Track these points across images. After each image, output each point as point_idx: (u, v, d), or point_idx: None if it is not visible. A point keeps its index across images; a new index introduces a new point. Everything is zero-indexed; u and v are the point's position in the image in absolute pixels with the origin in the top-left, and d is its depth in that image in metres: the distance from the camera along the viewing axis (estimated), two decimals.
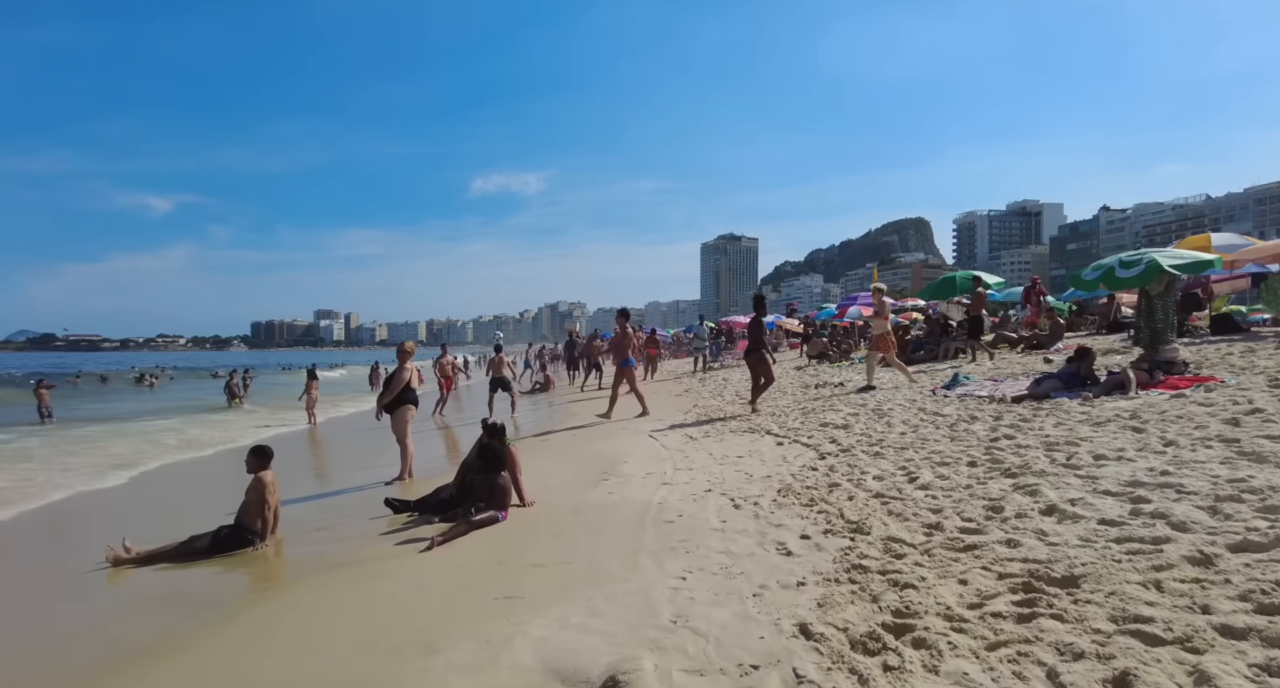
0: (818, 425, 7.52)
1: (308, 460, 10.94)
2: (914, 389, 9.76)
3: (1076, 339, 14.34)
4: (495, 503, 4.92)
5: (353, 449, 11.40)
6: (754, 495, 4.71)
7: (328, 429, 14.58)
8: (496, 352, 13.98)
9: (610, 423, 10.00)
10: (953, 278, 14.73)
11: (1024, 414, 6.49)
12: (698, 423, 9.11)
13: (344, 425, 14.94)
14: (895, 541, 3.38)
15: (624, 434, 8.80)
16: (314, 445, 12.65)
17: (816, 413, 8.56)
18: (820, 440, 6.60)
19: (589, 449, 7.72)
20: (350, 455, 10.95)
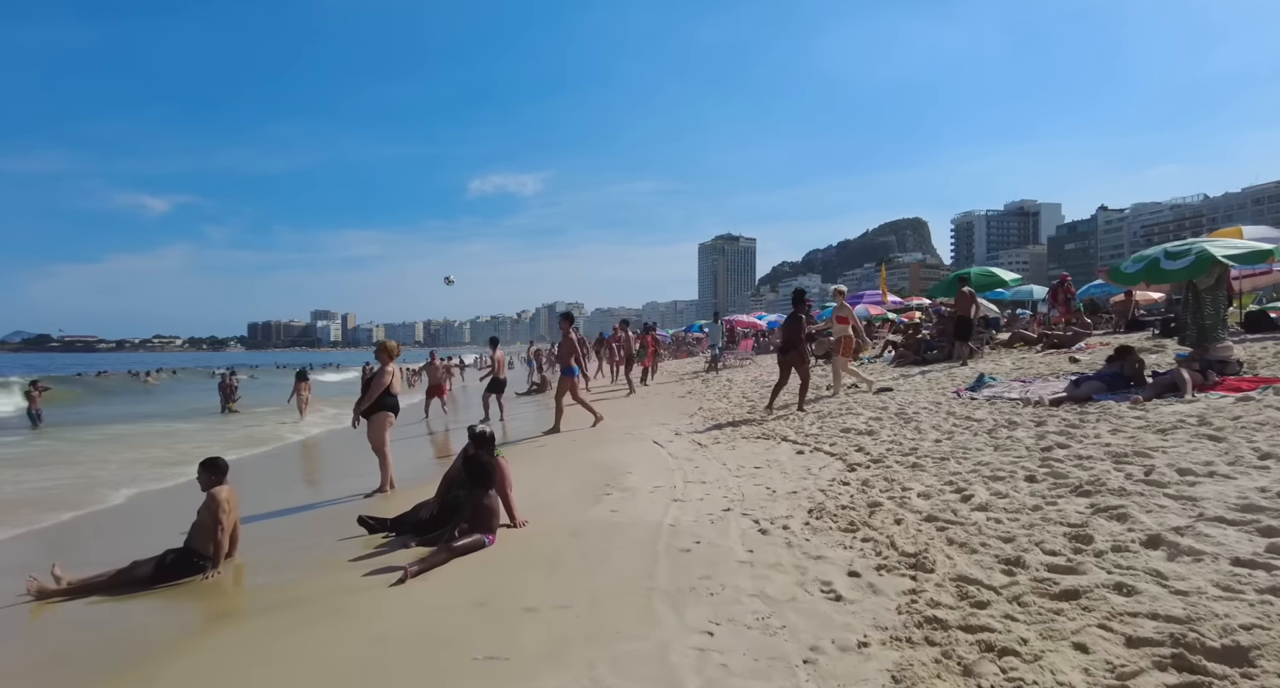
0: (838, 431, 6.88)
1: (288, 468, 10.27)
2: (935, 391, 9.12)
3: (1096, 339, 13.74)
4: (481, 524, 4.27)
5: (338, 456, 10.73)
6: (781, 516, 4.07)
7: (313, 432, 13.89)
8: (493, 347, 13.29)
9: (610, 427, 9.34)
10: (966, 275, 14.08)
11: (1069, 419, 5.86)
12: (706, 428, 8.46)
13: (332, 429, 14.24)
14: (969, 581, 2.74)
15: (625, 440, 8.15)
16: (299, 451, 11.97)
17: (834, 417, 7.92)
18: (845, 449, 5.96)
19: (588, 458, 7.07)
20: (334, 463, 10.28)
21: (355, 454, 9.22)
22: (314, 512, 6.37)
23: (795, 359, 8.92)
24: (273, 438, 13.07)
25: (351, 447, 10.21)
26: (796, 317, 9.01)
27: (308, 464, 10.84)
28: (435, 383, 14.07)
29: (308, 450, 11.89)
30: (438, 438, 11.49)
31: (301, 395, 14.76)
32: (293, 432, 13.71)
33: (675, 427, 8.91)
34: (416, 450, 9.83)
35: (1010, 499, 3.80)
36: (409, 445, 9.91)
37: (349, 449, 10.19)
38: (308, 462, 10.99)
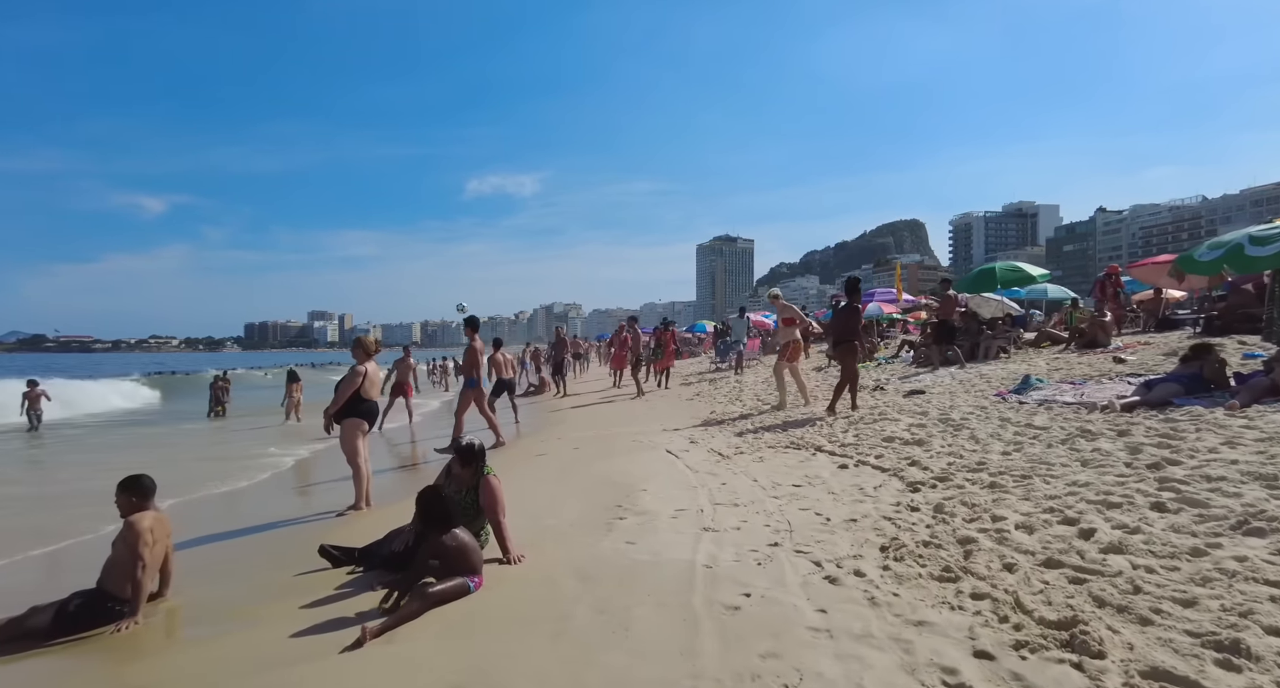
0: (880, 440, 6.02)
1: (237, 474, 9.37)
2: (973, 393, 8.28)
3: (1124, 338, 12.91)
4: (463, 565, 3.39)
5: (320, 464, 9.83)
6: (847, 556, 3.20)
7: (307, 433, 12.95)
8: (496, 348, 12.35)
9: (618, 434, 8.47)
10: (991, 270, 13.26)
11: (1157, 428, 5.01)
12: (723, 435, 7.60)
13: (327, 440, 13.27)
14: (1176, 681, 1.87)
15: (634, 449, 7.27)
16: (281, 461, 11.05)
17: (868, 423, 7.06)
18: (896, 462, 5.10)
19: (594, 471, 6.19)
20: (314, 471, 9.38)
21: (336, 463, 8.32)
22: (280, 531, 5.46)
23: (846, 353, 8.10)
24: (249, 461, 12.14)
25: (336, 454, 9.33)
26: (853, 307, 8.20)
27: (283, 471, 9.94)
28: (402, 381, 13.15)
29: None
30: (404, 447, 10.60)
31: (293, 397, 13.85)
32: (283, 450, 12.77)
33: (688, 433, 8.03)
34: (395, 458, 8.93)
35: (1147, 536, 2.94)
36: (383, 455, 9.02)
37: (332, 457, 9.29)
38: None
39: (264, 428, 13.84)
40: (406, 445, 10.30)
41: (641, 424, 9.46)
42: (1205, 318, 11.51)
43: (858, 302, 8.26)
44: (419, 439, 10.89)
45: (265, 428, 13.83)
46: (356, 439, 5.71)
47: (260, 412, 16.88)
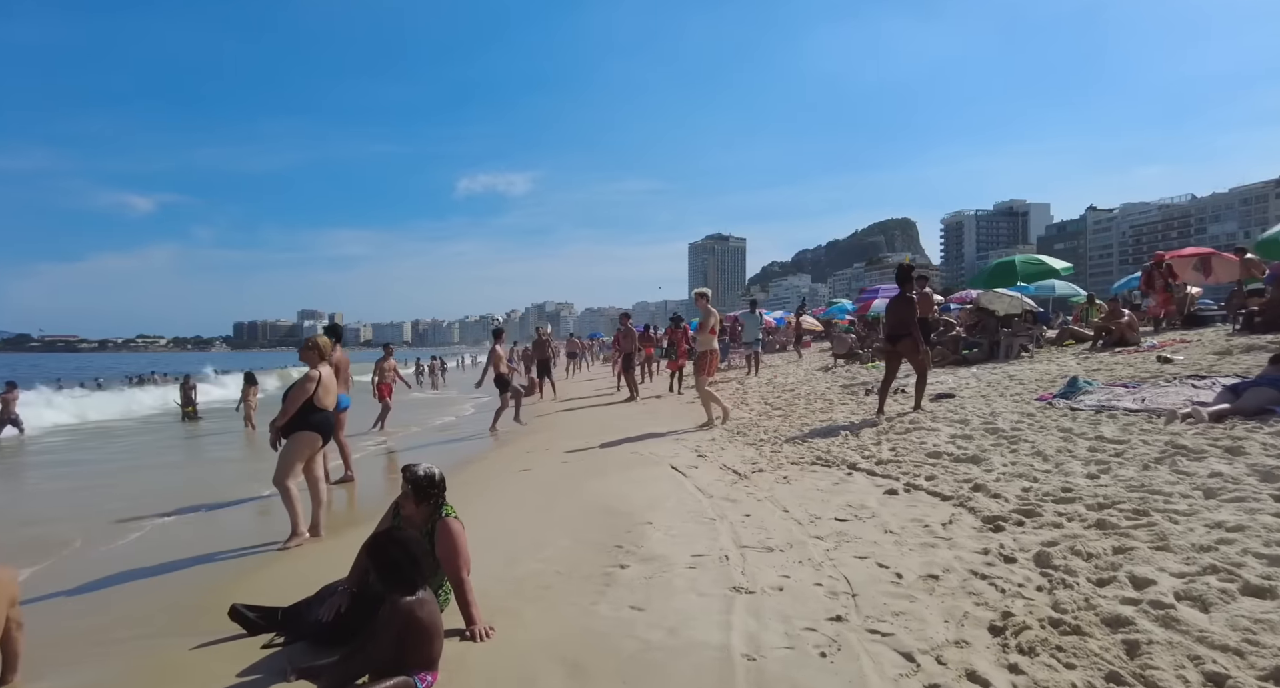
0: (924, 456, 5.10)
1: (202, 476, 8.33)
2: (1009, 398, 7.39)
3: (1159, 335, 12.09)
4: (425, 650, 2.41)
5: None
6: (945, 641, 2.26)
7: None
8: (496, 338, 11.28)
9: (614, 447, 7.51)
10: (1010, 263, 12.39)
11: (1273, 443, 4.12)
12: (734, 445, 6.66)
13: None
14: None
15: (633, 464, 6.32)
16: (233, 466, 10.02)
17: (900, 433, 6.15)
18: (956, 487, 4.18)
19: (586, 493, 5.23)
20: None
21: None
22: (202, 570, 4.46)
23: (908, 348, 7.17)
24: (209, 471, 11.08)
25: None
26: (906, 297, 7.21)
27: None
28: (382, 381, 12.11)
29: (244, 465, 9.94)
30: (380, 455, 9.59)
31: (249, 402, 12.78)
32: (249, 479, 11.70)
33: (693, 442, 7.08)
34: (368, 470, 7.93)
35: None
36: (361, 465, 8.02)
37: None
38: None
39: (235, 431, 12.79)
40: (380, 454, 9.29)
41: (640, 431, 8.51)
42: (1246, 314, 10.69)
43: (911, 291, 7.28)
44: (396, 448, 9.88)
45: (235, 432, 12.78)
46: (295, 458, 4.73)
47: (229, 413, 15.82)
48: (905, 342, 7.14)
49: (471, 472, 7.07)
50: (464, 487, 5.98)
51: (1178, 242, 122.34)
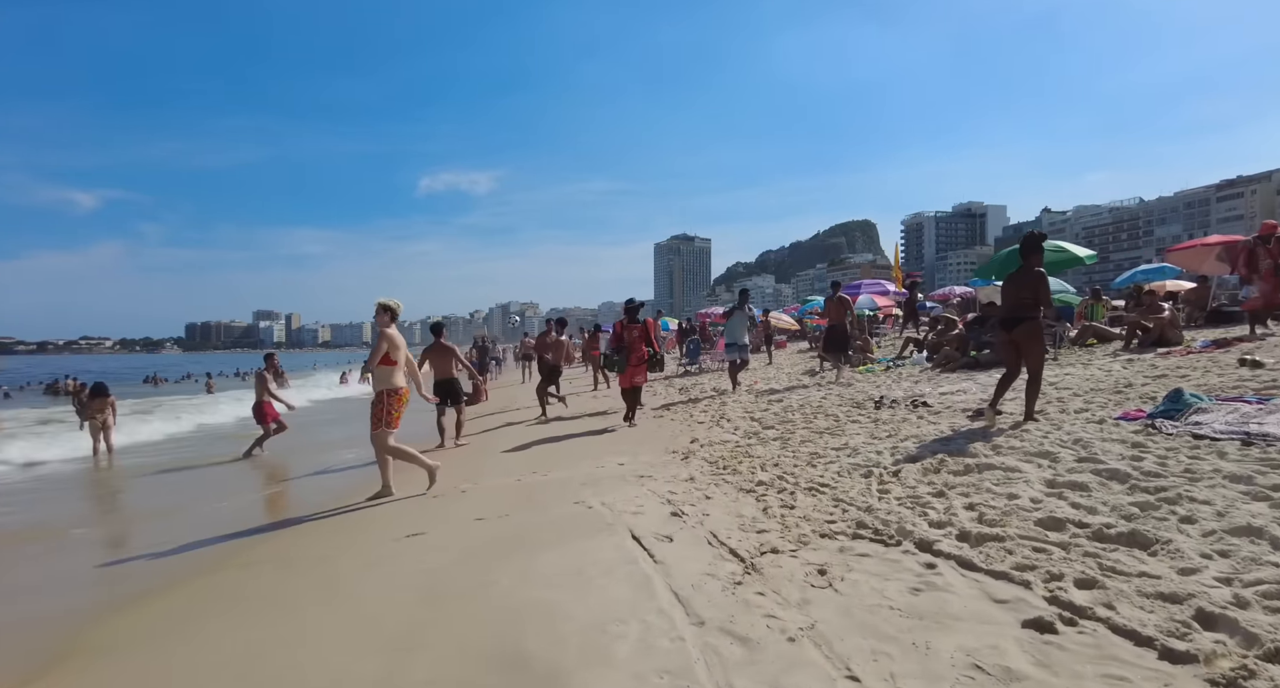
0: (1037, 527, 3.16)
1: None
2: (1072, 413, 5.59)
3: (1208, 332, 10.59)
4: None
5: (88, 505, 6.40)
6: None
7: (121, 468, 9.38)
8: (436, 334, 9.06)
9: (553, 482, 5.38)
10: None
11: None
12: (724, 492, 4.63)
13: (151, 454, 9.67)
14: None
15: (576, 524, 4.21)
16: (57, 501, 7.53)
17: (960, 473, 4.25)
18: (1154, 613, 2.24)
19: (491, 598, 3.11)
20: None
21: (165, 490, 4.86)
22: None
23: (1026, 335, 5.46)
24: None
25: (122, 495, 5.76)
26: (1036, 273, 5.48)
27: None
28: (260, 399, 9.72)
29: (63, 501, 7.42)
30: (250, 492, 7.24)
31: (95, 419, 10.19)
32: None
33: (664, 484, 5.03)
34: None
35: None
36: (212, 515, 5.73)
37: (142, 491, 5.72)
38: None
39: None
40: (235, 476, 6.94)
41: (592, 460, 6.43)
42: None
43: (1039, 263, 5.55)
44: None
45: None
46: None
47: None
48: (1026, 326, 5.42)
49: (340, 532, 4.88)
50: (312, 567, 3.80)
51: (1128, 242, 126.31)
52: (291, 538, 4.91)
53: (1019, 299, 5.52)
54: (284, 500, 6.92)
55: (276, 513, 5.60)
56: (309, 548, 4.51)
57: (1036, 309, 5.45)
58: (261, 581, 3.85)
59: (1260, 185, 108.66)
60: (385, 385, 5.62)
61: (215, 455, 9.94)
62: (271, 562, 4.20)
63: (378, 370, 5.63)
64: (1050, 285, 5.76)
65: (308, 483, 7.72)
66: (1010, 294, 5.64)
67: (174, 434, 13.29)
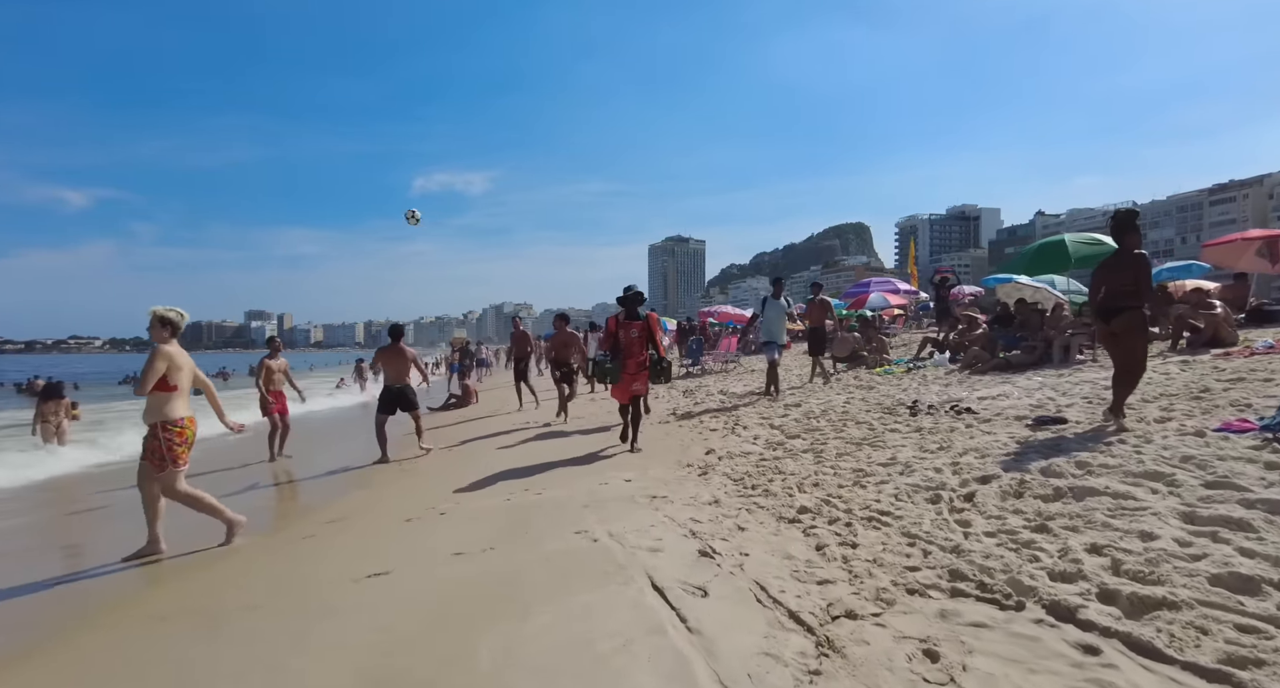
0: (1214, 587, 2.33)
1: None
2: (1159, 424, 4.77)
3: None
4: None
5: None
6: None
7: (72, 483, 8.41)
8: (394, 337, 8.28)
9: (547, 503, 4.49)
10: (1059, 244, 9.89)
11: None
12: (747, 504, 3.76)
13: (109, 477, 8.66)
14: None
15: (578, 566, 3.33)
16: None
17: (1053, 499, 3.41)
18: None
19: (485, 658, 2.26)
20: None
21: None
22: None
23: (1127, 326, 4.76)
24: None
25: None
26: (1135, 256, 4.75)
27: None
28: (272, 389, 8.74)
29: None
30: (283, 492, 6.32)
31: (49, 421, 9.26)
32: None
33: (682, 510, 4.16)
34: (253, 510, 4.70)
35: None
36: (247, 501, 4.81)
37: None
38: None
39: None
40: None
41: (594, 476, 5.55)
42: None
43: (1137, 245, 4.81)
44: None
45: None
46: None
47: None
48: (1127, 317, 4.68)
49: (289, 563, 3.98)
50: (237, 621, 2.89)
51: None
52: (223, 572, 4.01)
53: (1118, 286, 4.71)
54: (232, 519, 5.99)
55: (210, 537, 4.68)
56: (241, 589, 3.60)
57: (1138, 297, 4.65)
58: (165, 646, 2.94)
59: (1252, 189, 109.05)
60: (158, 417, 4.32)
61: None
62: (186, 615, 3.29)
63: (150, 398, 4.34)
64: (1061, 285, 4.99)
65: (262, 497, 6.80)
66: (1106, 281, 4.83)
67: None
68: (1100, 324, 4.91)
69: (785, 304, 9.74)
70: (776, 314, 9.54)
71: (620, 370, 6.51)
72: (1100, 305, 4.88)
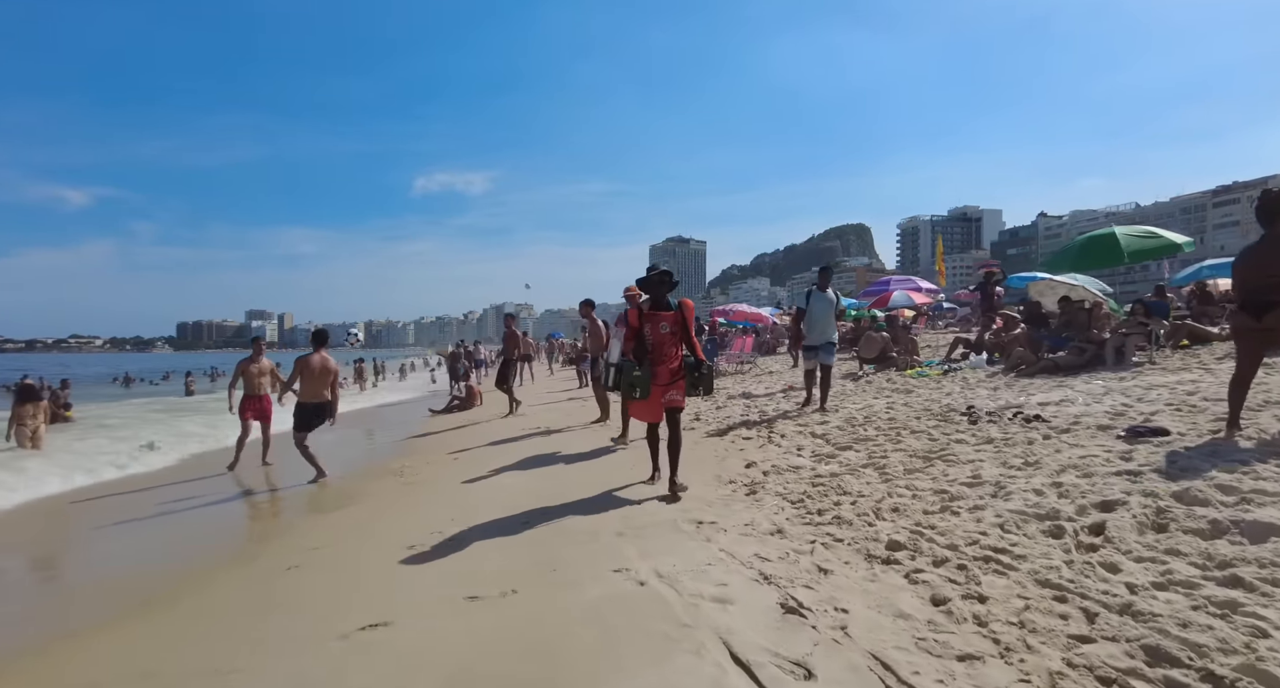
0: None
1: None
2: (1258, 440, 4.07)
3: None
4: None
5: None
6: None
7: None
8: (317, 346, 7.14)
9: (573, 548, 3.78)
10: (1110, 236, 9.20)
11: None
12: (814, 530, 3.06)
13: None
14: None
15: (640, 618, 2.66)
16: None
17: (1207, 532, 2.71)
18: None
19: None
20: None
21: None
22: None
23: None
24: None
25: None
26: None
27: None
28: (251, 393, 8.03)
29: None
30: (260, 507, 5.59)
31: (25, 425, 8.60)
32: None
33: (741, 542, 3.44)
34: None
35: None
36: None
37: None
38: None
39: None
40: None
41: (622, 493, 4.83)
42: None
43: None
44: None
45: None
46: None
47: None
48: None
49: (262, 605, 3.27)
50: None
51: None
52: (187, 617, 3.30)
53: (1271, 276, 4.00)
54: (197, 542, 5.28)
55: (166, 559, 3.98)
56: (197, 649, 2.89)
57: None
58: None
59: (1256, 191, 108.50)
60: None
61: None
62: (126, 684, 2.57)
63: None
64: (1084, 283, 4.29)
65: (240, 512, 6.10)
66: (1258, 270, 4.12)
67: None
68: (1247, 319, 4.20)
69: (834, 297, 8.06)
70: (824, 309, 7.92)
71: (650, 379, 4.75)
72: (1247, 300, 4.18)
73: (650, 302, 4.90)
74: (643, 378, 4.72)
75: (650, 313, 4.86)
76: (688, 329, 4.91)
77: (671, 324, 4.84)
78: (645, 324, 4.85)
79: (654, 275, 4.99)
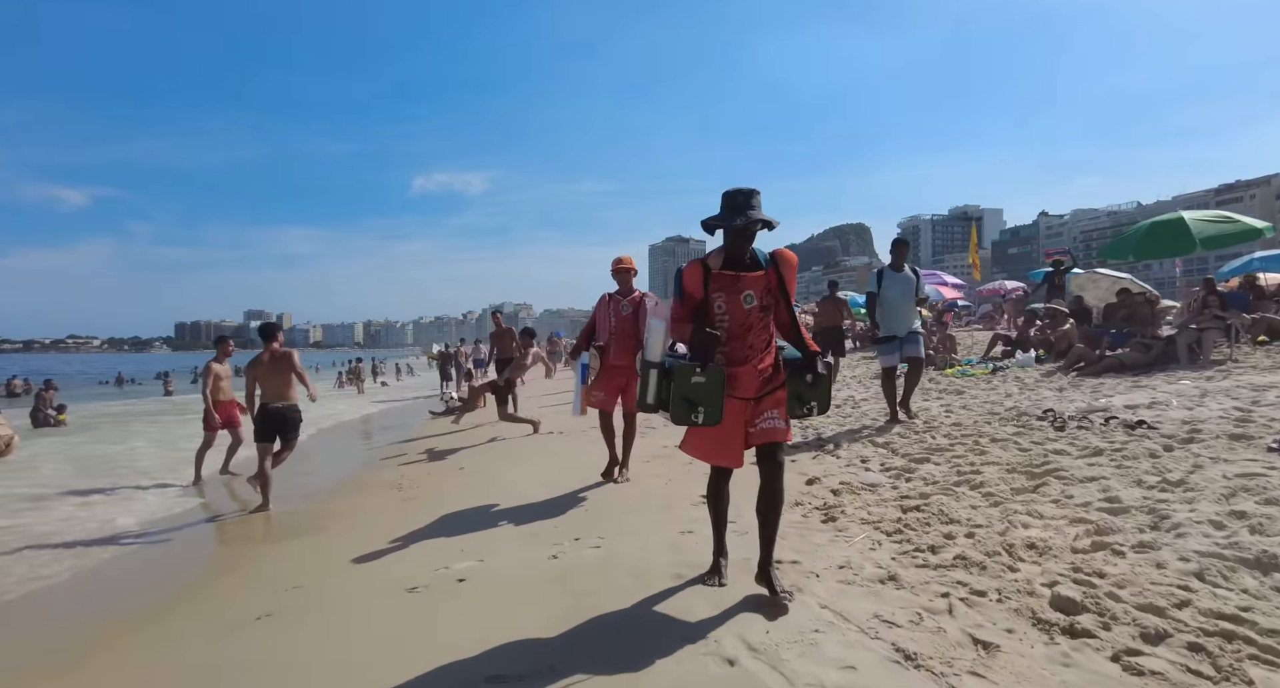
0: None
1: None
2: None
3: None
4: None
5: None
6: None
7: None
8: (266, 338, 6.09)
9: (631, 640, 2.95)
10: (1178, 221, 8.38)
11: None
12: (950, 587, 2.26)
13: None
14: None
15: None
16: None
17: None
18: None
19: None
20: None
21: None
22: None
23: None
24: None
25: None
26: None
27: None
28: (220, 400, 7.22)
29: None
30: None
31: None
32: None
33: (845, 595, 2.61)
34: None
35: None
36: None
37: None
38: None
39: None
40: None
41: (661, 515, 4.00)
42: None
43: None
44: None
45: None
46: None
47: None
48: None
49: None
50: None
51: None
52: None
53: None
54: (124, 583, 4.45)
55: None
56: None
57: None
58: None
59: (1259, 189, 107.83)
60: None
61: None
62: None
63: None
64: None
65: (206, 537, 5.26)
66: None
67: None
68: None
69: (912, 277, 6.17)
70: (903, 291, 6.10)
71: (722, 388, 2.60)
72: None
73: (725, 256, 2.75)
74: (710, 388, 2.56)
75: (722, 273, 2.71)
76: (788, 300, 2.78)
77: (761, 294, 2.71)
78: (717, 294, 2.71)
79: (736, 201, 2.76)
